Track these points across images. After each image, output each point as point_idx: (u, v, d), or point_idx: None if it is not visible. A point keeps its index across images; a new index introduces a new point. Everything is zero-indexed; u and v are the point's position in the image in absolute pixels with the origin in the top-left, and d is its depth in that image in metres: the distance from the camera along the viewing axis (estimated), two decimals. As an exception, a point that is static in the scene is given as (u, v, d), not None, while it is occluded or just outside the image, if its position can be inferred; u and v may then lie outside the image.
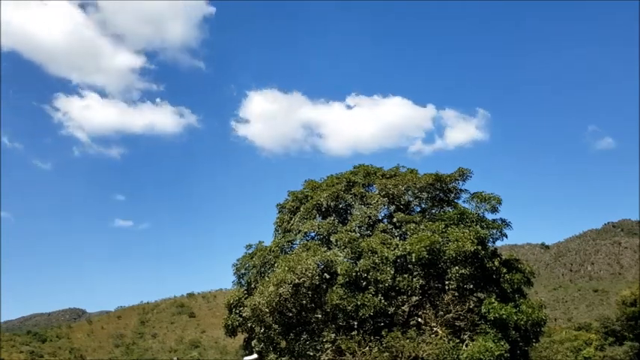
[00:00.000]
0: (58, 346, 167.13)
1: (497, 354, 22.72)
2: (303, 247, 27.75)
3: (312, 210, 29.23)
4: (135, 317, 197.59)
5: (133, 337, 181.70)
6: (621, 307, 69.72)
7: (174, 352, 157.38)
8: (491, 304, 24.12)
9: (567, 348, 69.49)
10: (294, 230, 29.38)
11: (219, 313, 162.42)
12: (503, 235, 27.90)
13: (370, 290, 24.75)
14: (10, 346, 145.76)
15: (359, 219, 27.87)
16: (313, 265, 24.99)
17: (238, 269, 30.85)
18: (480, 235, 25.53)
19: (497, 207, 27.85)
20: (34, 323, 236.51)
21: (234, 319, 29.61)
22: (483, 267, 25.57)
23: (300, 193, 31.12)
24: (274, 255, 28.51)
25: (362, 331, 24.55)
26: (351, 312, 24.41)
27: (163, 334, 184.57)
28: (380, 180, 29.41)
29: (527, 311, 24.60)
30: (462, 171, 28.78)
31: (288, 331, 26.62)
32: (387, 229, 27.58)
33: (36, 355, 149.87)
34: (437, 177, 28.28)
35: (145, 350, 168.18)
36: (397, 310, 25.12)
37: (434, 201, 29.11)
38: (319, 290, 25.48)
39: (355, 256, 25.87)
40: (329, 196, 28.90)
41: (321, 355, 24.79)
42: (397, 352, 23.31)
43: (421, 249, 24.36)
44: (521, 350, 25.51)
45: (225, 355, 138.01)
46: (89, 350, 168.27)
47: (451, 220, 26.82)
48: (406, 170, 30.49)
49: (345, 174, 30.84)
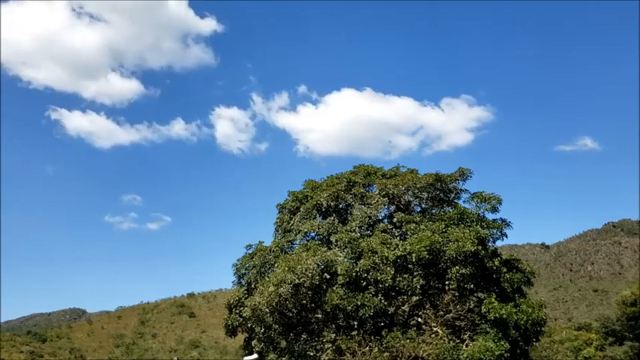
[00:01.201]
0: (58, 346, 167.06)
1: (498, 354, 22.71)
2: (303, 247, 27.77)
3: (312, 210, 29.25)
4: (135, 317, 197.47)
5: (133, 337, 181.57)
6: (621, 307, 69.71)
7: (174, 352, 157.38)
8: (492, 303, 24.09)
9: (567, 348, 69.56)
10: (294, 230, 29.41)
11: (219, 313, 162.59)
12: (504, 235, 27.96)
13: (370, 290, 24.75)
14: (10, 346, 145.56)
15: (359, 219, 27.87)
16: (313, 265, 24.99)
17: (238, 269, 30.88)
18: (480, 235, 25.53)
19: (498, 207, 27.91)
20: (34, 323, 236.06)
21: (234, 319, 29.65)
22: (484, 267, 25.56)
23: (300, 193, 31.14)
24: (274, 255, 28.54)
25: (362, 331, 24.56)
26: (351, 312, 24.42)
27: (163, 334, 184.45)
28: (380, 180, 29.44)
29: (528, 311, 24.56)
30: (462, 171, 28.81)
31: (288, 331, 26.64)
32: (387, 229, 27.59)
33: (36, 355, 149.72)
34: (437, 177, 28.31)
35: (145, 350, 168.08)
36: (397, 310, 25.12)
37: (434, 201, 29.14)
38: (319, 290, 25.49)
39: (355, 256, 25.88)
40: (329, 196, 28.92)
41: (321, 355, 24.79)
42: (397, 352, 23.31)
43: (421, 249, 24.37)
44: (522, 350, 25.47)
45: (225, 355, 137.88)
46: (89, 350, 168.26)
47: (451, 220, 26.83)
48: (406, 170, 30.52)
49: (345, 174, 30.87)
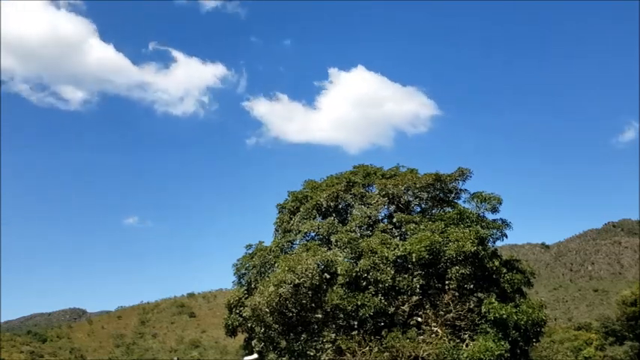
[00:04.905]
0: (58, 346, 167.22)
1: (498, 354, 22.71)
2: (303, 247, 27.76)
3: (312, 210, 29.24)
4: (135, 317, 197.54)
5: (133, 337, 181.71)
6: (621, 306, 69.72)
7: (174, 352, 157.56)
8: (492, 303, 24.09)
9: (567, 348, 69.71)
10: (294, 230, 29.39)
11: (219, 313, 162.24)
12: (504, 235, 27.95)
13: (370, 290, 24.74)
14: (11, 346, 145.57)
15: (359, 219, 27.86)
16: (313, 265, 24.98)
17: (238, 269, 30.87)
18: (480, 235, 25.51)
19: (498, 207, 27.89)
20: (34, 323, 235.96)
21: (234, 319, 29.65)
22: (483, 267, 25.55)
23: (300, 194, 31.13)
24: (274, 255, 28.52)
25: (362, 331, 24.54)
26: (351, 312, 24.41)
27: (163, 334, 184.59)
28: (380, 180, 29.43)
29: (528, 311, 24.55)
30: (461, 171, 28.78)
31: (288, 331, 26.63)
32: (387, 229, 27.57)
33: (36, 355, 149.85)
34: (437, 177, 28.28)
35: (145, 350, 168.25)
36: (397, 310, 25.10)
37: (434, 201, 29.11)
38: (319, 290, 25.47)
39: (355, 256, 25.87)
40: (329, 196, 28.91)
41: (321, 355, 24.79)
42: (397, 352, 23.31)
43: (421, 249, 24.35)
44: (522, 350, 25.47)
45: (225, 355, 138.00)
46: (89, 350, 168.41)
47: (451, 220, 26.81)
48: (406, 170, 30.50)
49: (344, 174, 30.86)
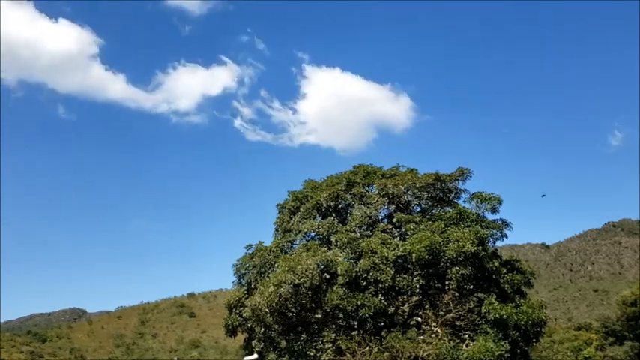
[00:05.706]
0: (58, 346, 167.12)
1: (498, 354, 22.73)
2: (303, 247, 27.77)
3: (312, 210, 29.25)
4: (135, 317, 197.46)
5: (133, 337, 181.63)
6: (621, 306, 69.74)
7: (174, 352, 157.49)
8: (492, 304, 24.11)
9: (567, 348, 69.73)
10: (294, 230, 29.40)
11: (219, 313, 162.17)
12: (504, 235, 27.99)
13: (370, 290, 24.75)
14: (10, 346, 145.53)
15: (359, 219, 27.87)
16: (313, 265, 24.99)
17: (238, 269, 30.87)
18: (480, 235, 25.52)
19: (498, 207, 27.91)
20: (34, 323, 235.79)
21: (234, 319, 29.66)
22: (483, 267, 25.57)
23: (300, 193, 31.14)
24: (274, 255, 28.53)
25: (362, 331, 24.55)
26: (351, 312, 24.42)
27: (163, 334, 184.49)
28: (380, 180, 29.44)
29: (528, 311, 24.57)
30: (461, 171, 28.79)
31: (288, 331, 26.63)
32: (387, 229, 27.58)
33: (36, 355, 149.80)
34: (437, 177, 28.29)
35: (145, 350, 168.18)
36: (397, 310, 25.12)
37: (434, 201, 29.12)
38: (319, 290, 25.47)
39: (355, 256, 25.88)
40: (329, 196, 28.92)
41: (321, 355, 24.79)
42: (397, 352, 23.32)
43: (421, 249, 24.36)
44: (522, 350, 25.48)
45: (225, 355, 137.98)
46: (89, 350, 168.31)
47: (451, 220, 26.84)
48: (406, 170, 30.50)
49: (344, 174, 30.88)
